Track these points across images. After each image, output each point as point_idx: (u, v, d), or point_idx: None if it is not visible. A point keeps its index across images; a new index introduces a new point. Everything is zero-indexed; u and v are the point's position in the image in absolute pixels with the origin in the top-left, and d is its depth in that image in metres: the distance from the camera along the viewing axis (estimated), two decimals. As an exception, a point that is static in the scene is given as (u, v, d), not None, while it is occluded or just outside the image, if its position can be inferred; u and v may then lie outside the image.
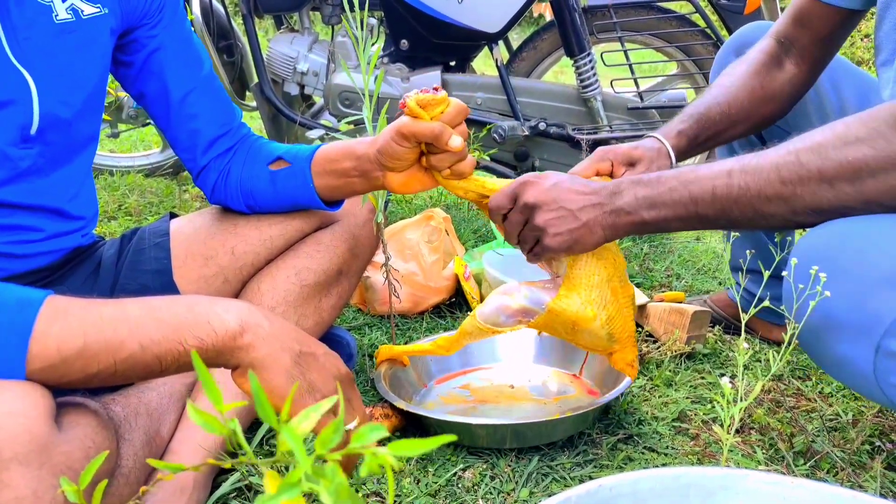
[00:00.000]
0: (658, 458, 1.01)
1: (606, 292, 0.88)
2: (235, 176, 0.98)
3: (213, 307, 0.61)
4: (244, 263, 0.97)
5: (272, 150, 0.98)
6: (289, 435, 0.37)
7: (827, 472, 0.99)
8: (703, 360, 1.31)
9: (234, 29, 2.09)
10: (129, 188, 2.15)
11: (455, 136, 0.80)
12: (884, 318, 0.73)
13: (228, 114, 0.99)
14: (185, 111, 0.95)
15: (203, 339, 0.59)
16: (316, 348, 0.64)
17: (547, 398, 1.11)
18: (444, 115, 0.82)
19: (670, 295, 1.51)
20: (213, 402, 0.40)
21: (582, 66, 1.85)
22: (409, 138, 0.83)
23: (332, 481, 0.37)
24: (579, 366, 1.17)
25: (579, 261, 0.88)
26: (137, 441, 0.77)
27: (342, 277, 1.00)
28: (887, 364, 0.75)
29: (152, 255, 0.97)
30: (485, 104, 1.92)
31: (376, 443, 0.39)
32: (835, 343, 0.78)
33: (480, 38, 1.87)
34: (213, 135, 0.97)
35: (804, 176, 0.74)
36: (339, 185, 0.93)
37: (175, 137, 0.98)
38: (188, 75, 0.95)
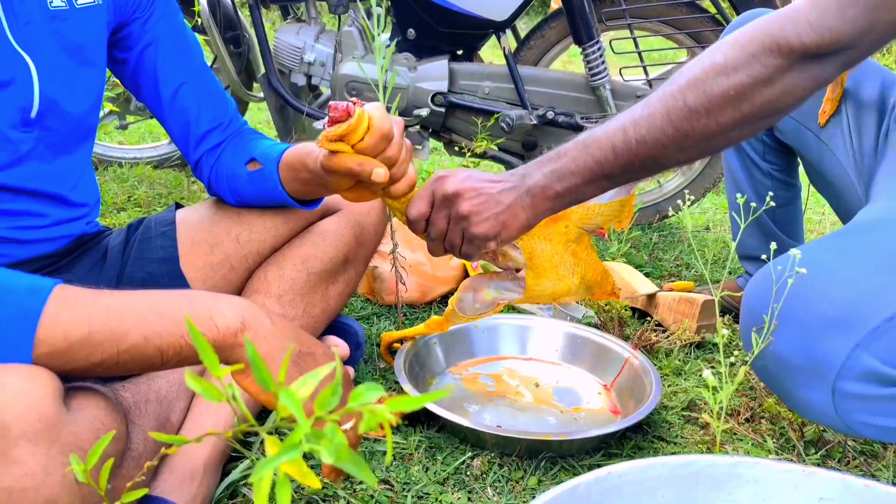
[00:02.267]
0: (667, 447, 1.01)
1: (569, 259, 0.91)
2: (224, 171, 0.98)
3: (215, 303, 0.61)
4: (249, 251, 0.97)
5: (250, 150, 0.96)
6: (287, 398, 0.38)
7: (838, 461, 0.99)
8: (713, 350, 1.30)
9: (240, 19, 2.08)
10: (137, 180, 2.15)
11: (377, 169, 0.72)
12: (833, 362, 0.74)
13: (221, 107, 0.99)
14: (177, 104, 0.96)
15: (204, 333, 0.59)
16: (315, 348, 0.64)
17: (568, 406, 1.08)
18: (365, 144, 0.73)
19: (680, 284, 1.50)
20: (210, 368, 0.40)
21: (590, 53, 1.83)
22: (332, 173, 0.77)
23: (331, 441, 0.37)
24: (613, 376, 1.14)
25: (534, 251, 0.89)
26: (147, 426, 0.78)
27: (348, 265, 1.00)
28: (846, 404, 0.76)
29: (159, 243, 0.97)
30: (493, 93, 1.90)
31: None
32: (792, 386, 0.79)
33: (488, 26, 1.86)
34: (205, 128, 0.97)
35: (692, 116, 0.74)
36: (305, 190, 0.91)
37: (170, 129, 0.99)
38: (181, 69, 0.96)
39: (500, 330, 1.23)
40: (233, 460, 0.88)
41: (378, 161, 0.73)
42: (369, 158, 0.73)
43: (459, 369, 1.17)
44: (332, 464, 0.37)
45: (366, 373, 1.16)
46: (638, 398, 1.04)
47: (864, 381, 0.74)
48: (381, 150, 0.74)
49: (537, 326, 1.23)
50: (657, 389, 1.02)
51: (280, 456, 0.37)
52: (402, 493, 0.87)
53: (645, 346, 1.26)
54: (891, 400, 0.75)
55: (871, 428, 0.78)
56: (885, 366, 0.73)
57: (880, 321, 0.72)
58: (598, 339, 1.19)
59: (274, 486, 0.39)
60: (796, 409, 0.85)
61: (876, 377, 0.74)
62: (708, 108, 0.73)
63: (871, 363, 0.73)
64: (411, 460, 0.94)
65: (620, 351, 1.15)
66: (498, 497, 0.88)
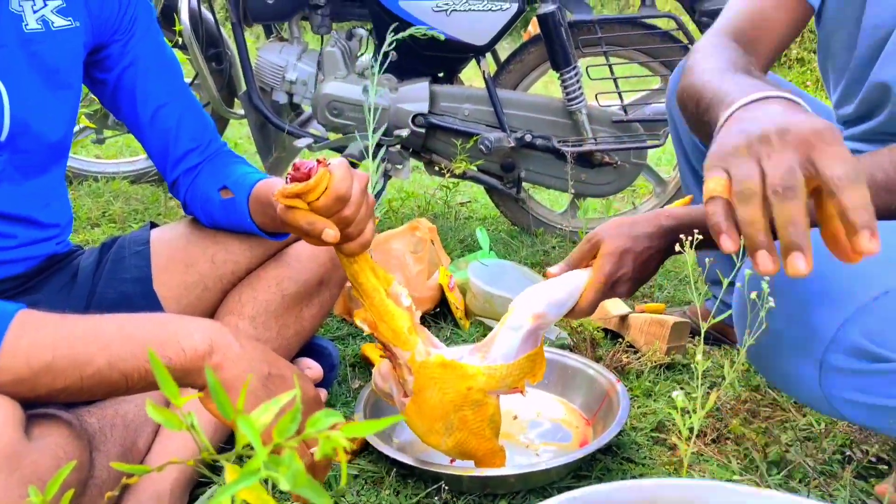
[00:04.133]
0: (635, 468, 1.03)
1: (453, 421, 0.84)
2: (200, 193, 0.98)
3: (183, 326, 0.61)
4: (224, 272, 0.98)
5: (224, 175, 0.96)
6: (245, 426, 0.38)
7: (799, 481, 1.01)
8: (683, 371, 1.33)
9: (223, 37, 2.10)
10: (113, 195, 2.14)
11: (327, 230, 0.72)
12: (823, 334, 0.77)
13: (200, 128, 0.99)
14: (156, 125, 0.96)
15: (171, 357, 0.59)
16: (285, 371, 0.65)
17: (537, 441, 1.05)
18: (320, 204, 0.72)
19: (651, 306, 1.54)
20: (169, 397, 0.41)
21: (567, 79, 1.88)
22: (286, 225, 0.77)
23: (289, 468, 0.38)
24: (596, 410, 1.11)
25: (424, 391, 0.83)
26: (113, 452, 0.77)
27: (323, 287, 1.01)
28: (832, 379, 0.79)
29: (132, 263, 0.97)
30: (472, 115, 1.94)
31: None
32: (781, 361, 0.82)
33: (468, 50, 1.89)
34: (183, 149, 0.98)
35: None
36: (273, 224, 0.91)
37: (149, 149, 0.99)
38: (161, 90, 0.96)
39: None
40: (201, 485, 0.88)
41: (330, 221, 0.73)
42: (321, 218, 0.73)
43: None
44: (290, 490, 0.38)
45: (340, 394, 1.16)
46: (608, 425, 1.03)
47: (850, 355, 0.77)
48: (337, 211, 0.73)
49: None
50: (621, 417, 1.00)
51: (237, 483, 0.38)
52: (374, 514, 0.88)
53: (616, 368, 1.29)
54: (873, 375, 0.78)
55: (852, 405, 0.80)
56: (870, 342, 0.76)
57: (868, 299, 0.75)
58: (589, 372, 1.15)
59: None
60: (785, 388, 0.87)
61: (861, 353, 0.77)
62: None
63: (858, 339, 0.76)
64: (382, 485, 0.95)
65: (604, 383, 1.12)
66: (468, 518, 0.89)
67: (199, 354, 0.60)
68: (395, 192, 2.37)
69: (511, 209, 2.08)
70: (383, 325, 0.81)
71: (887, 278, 0.76)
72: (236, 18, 1.88)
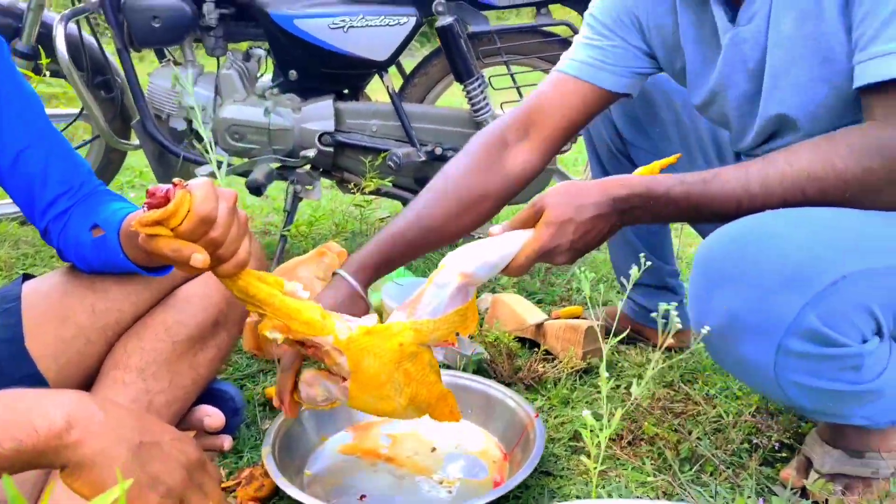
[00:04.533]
0: (553, 481, 1.04)
1: (399, 378, 0.84)
2: (72, 237, 0.91)
3: (38, 402, 0.56)
4: (107, 322, 0.91)
5: (94, 214, 0.90)
6: None
7: (710, 474, 1.04)
8: (599, 375, 1.35)
9: (110, 63, 1.99)
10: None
11: (196, 255, 0.68)
12: (784, 318, 0.79)
13: (70, 170, 0.92)
14: (19, 169, 0.89)
15: (22, 440, 0.54)
16: (160, 436, 0.61)
17: (451, 477, 1.03)
18: (183, 228, 0.68)
19: (566, 311, 1.56)
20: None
21: (472, 90, 1.89)
22: (152, 255, 0.71)
23: None
24: (514, 443, 1.07)
25: (360, 364, 0.82)
26: None
27: (219, 328, 0.96)
28: (787, 362, 0.81)
29: (0, 322, 0.90)
30: (380, 131, 1.92)
31: None
32: (738, 344, 0.84)
33: (369, 66, 1.87)
34: (53, 194, 0.91)
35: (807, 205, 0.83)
36: (147, 258, 0.85)
37: (14, 196, 0.92)
38: (21, 132, 0.89)
39: None
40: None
41: (197, 246, 0.69)
42: (187, 244, 0.69)
43: (362, 425, 1.14)
44: None
45: (248, 437, 1.11)
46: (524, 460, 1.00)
47: (806, 339, 0.80)
48: (203, 234, 0.69)
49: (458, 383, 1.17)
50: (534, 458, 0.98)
51: None
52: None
53: (534, 378, 1.29)
54: (824, 360, 0.81)
55: (800, 388, 0.83)
56: (825, 327, 0.79)
57: (826, 284, 0.78)
58: (510, 403, 1.12)
59: None
60: (733, 370, 0.90)
61: (816, 337, 0.79)
62: (823, 205, 0.82)
63: (815, 323, 0.78)
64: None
65: (523, 417, 1.09)
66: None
67: (54, 432, 0.55)
68: (311, 212, 2.32)
69: (427, 222, 2.07)
70: (295, 323, 0.78)
71: (844, 264, 0.79)
72: (121, 44, 1.79)
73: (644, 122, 1.28)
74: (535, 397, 1.26)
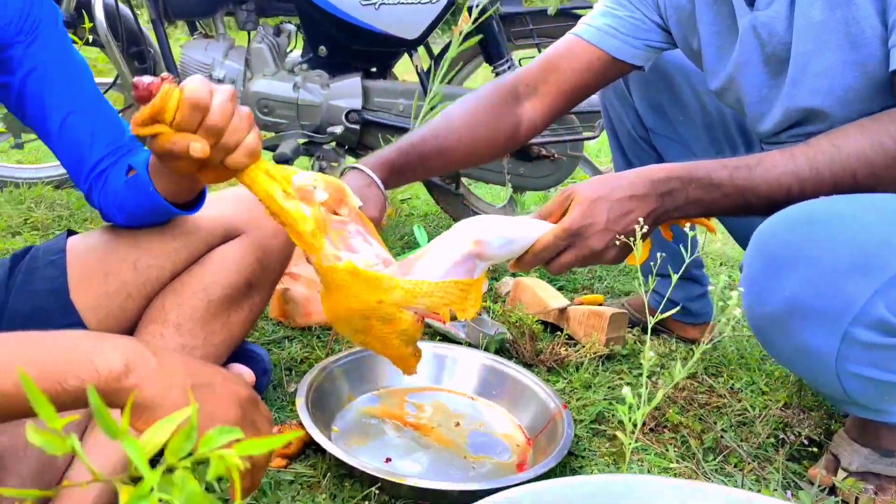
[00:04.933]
0: (575, 461, 1.03)
1: (357, 325, 0.80)
2: (111, 189, 0.93)
3: (99, 345, 0.57)
4: (148, 278, 0.92)
5: (130, 161, 0.92)
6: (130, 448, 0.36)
7: (735, 465, 1.03)
8: (622, 361, 1.34)
9: (144, 34, 2.00)
10: (35, 201, 2.03)
11: (193, 144, 0.67)
12: (852, 305, 0.75)
13: (115, 133, 0.94)
14: (66, 134, 0.91)
15: (84, 379, 0.55)
16: (212, 377, 0.62)
17: (475, 453, 1.02)
18: (178, 120, 0.66)
19: (589, 298, 1.54)
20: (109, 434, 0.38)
21: (501, 72, 1.87)
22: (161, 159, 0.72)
23: (182, 490, 0.35)
24: (539, 430, 1.06)
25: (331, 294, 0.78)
26: (26, 471, 0.73)
27: (252, 291, 0.96)
28: (850, 352, 0.77)
29: (46, 274, 0.91)
30: (406, 110, 1.91)
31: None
32: (798, 331, 0.79)
33: (399, 44, 1.86)
34: (98, 155, 0.92)
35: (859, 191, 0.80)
36: (175, 188, 0.86)
37: (61, 158, 0.94)
38: (69, 97, 0.90)
39: (451, 362, 1.20)
40: None
41: (195, 136, 0.67)
42: (185, 134, 0.67)
43: (390, 391, 1.15)
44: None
45: (275, 398, 1.12)
46: (548, 448, 1.00)
47: (873, 329, 0.76)
48: (200, 122, 0.67)
49: (496, 366, 1.18)
50: (563, 447, 0.97)
51: None
52: (307, 526, 0.85)
53: (556, 361, 1.28)
54: (888, 350, 0.77)
55: (859, 380, 0.80)
56: (893, 316, 0.75)
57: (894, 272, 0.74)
58: (539, 393, 1.11)
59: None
60: (785, 358, 0.85)
61: (884, 326, 0.76)
62: (875, 188, 0.79)
63: (882, 311, 0.75)
64: (319, 488, 0.91)
65: (552, 408, 1.07)
66: (406, 525, 0.87)
67: (114, 375, 0.56)
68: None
69: (451, 204, 2.06)
70: (288, 229, 0.75)
71: None
72: (156, 15, 1.80)
73: (667, 108, 1.26)
74: (557, 380, 1.25)
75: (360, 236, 0.79)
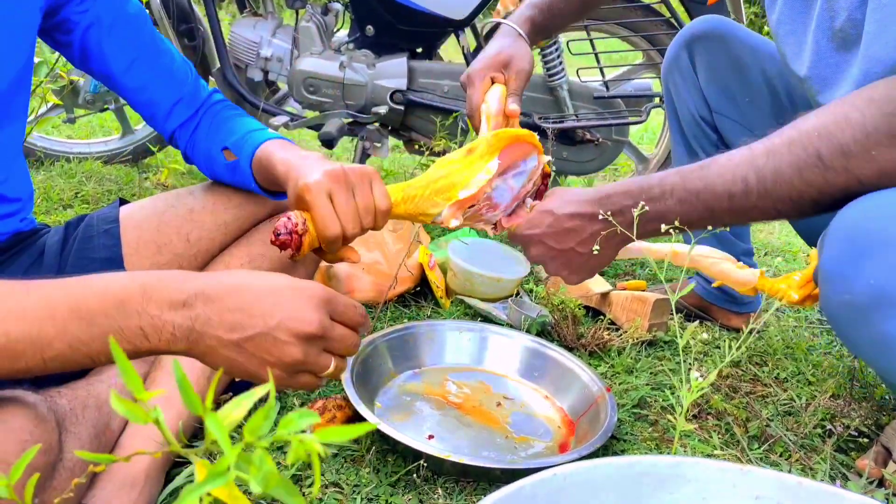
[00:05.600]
0: (618, 444, 1.03)
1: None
2: (201, 149, 0.99)
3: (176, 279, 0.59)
4: (199, 250, 0.96)
5: (224, 134, 0.97)
6: (213, 424, 0.37)
7: (780, 455, 1.01)
8: (664, 348, 1.33)
9: (195, 12, 2.03)
10: (85, 175, 2.09)
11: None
12: None
13: (178, 79, 0.98)
14: (131, 83, 0.96)
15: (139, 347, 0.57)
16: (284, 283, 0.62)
17: (517, 434, 1.03)
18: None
19: (632, 283, 1.53)
20: (132, 391, 0.39)
21: (548, 54, 1.85)
22: None
23: (260, 469, 0.36)
24: (581, 413, 1.07)
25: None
26: (84, 434, 0.75)
27: (298, 265, 0.98)
28: None
29: (101, 242, 0.94)
30: (452, 92, 1.90)
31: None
32: (881, 320, 0.74)
33: (447, 25, 1.85)
34: (169, 102, 0.98)
35: (828, 171, 0.73)
36: (276, 187, 0.92)
37: (135, 106, 1.00)
38: (128, 47, 0.95)
39: (493, 343, 1.21)
40: (178, 465, 0.86)
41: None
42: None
43: (431, 369, 1.16)
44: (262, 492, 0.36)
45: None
46: (589, 431, 1.01)
47: None
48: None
49: (538, 348, 1.19)
50: (607, 429, 0.97)
51: (205, 484, 0.36)
52: (352, 495, 0.87)
53: (598, 345, 1.28)
54: None
55: None
56: None
57: None
58: (583, 376, 1.11)
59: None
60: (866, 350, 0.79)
61: None
62: (846, 165, 0.72)
63: None
64: (362, 462, 0.93)
65: (595, 391, 1.07)
66: (447, 499, 0.88)
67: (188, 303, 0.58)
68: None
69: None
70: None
71: None
72: (208, -8, 1.82)
73: (735, 90, 1.23)
74: (599, 364, 1.24)
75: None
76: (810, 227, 1.19)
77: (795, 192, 0.75)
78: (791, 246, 2.07)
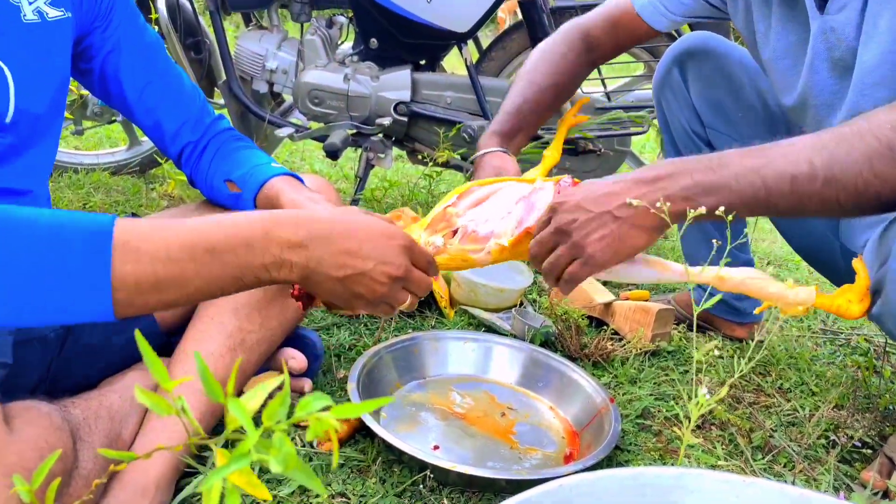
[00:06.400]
0: (621, 455, 1.03)
1: None
2: (205, 177, 1.03)
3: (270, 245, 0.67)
4: None
5: (230, 166, 1.01)
6: (235, 409, 0.38)
7: (784, 465, 1.02)
8: (668, 358, 1.34)
9: (201, 25, 2.06)
10: (93, 186, 2.11)
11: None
12: None
13: (186, 104, 1.03)
14: (143, 105, 1.01)
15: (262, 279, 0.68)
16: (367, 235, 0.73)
17: (522, 444, 1.03)
18: None
19: (636, 293, 1.54)
20: (159, 381, 0.40)
21: (551, 66, 1.86)
22: None
23: (279, 451, 0.38)
24: (585, 424, 1.08)
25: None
26: (97, 444, 0.77)
27: None
28: None
29: None
30: (455, 103, 1.92)
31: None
32: None
33: (449, 37, 1.87)
34: (175, 125, 1.02)
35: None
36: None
37: (144, 130, 1.04)
38: (143, 70, 1.00)
39: (496, 353, 1.22)
40: (187, 475, 0.87)
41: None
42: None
43: (436, 380, 1.17)
44: (282, 471, 0.38)
45: (325, 384, 1.16)
46: (593, 442, 1.01)
47: None
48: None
49: (541, 358, 1.19)
50: (610, 440, 0.97)
51: (228, 466, 0.37)
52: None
53: (601, 355, 1.29)
54: None
55: None
56: None
57: None
58: (586, 387, 1.12)
59: (224, 497, 0.40)
60: None
61: None
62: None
63: None
64: (368, 473, 0.94)
65: (598, 402, 1.08)
66: (454, 509, 0.89)
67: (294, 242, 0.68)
68: (378, 181, 2.35)
69: (496, 198, 2.07)
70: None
71: None
72: (214, 7, 1.84)
73: (727, 105, 1.24)
74: (602, 374, 1.25)
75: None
76: (802, 238, 1.21)
77: (862, 182, 0.72)
78: (793, 254, 2.07)
